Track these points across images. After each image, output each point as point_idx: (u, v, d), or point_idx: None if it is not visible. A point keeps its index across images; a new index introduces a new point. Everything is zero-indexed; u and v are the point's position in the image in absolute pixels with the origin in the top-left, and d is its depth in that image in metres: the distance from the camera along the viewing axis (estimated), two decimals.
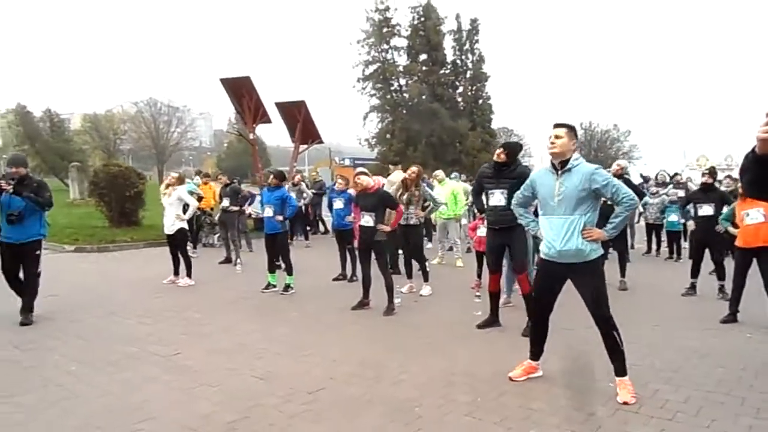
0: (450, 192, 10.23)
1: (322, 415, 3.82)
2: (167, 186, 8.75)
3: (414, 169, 8.08)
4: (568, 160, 4.06)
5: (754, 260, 6.17)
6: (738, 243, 6.31)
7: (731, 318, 6.24)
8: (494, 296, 6.08)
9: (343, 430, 3.58)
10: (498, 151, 5.83)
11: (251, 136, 18.35)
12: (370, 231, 6.80)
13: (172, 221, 8.53)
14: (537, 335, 4.48)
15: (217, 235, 13.26)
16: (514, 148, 5.89)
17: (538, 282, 4.40)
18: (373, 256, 6.87)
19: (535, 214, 4.49)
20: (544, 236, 4.20)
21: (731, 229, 6.89)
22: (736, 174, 20.53)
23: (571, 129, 4.17)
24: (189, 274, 8.66)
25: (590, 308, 4.15)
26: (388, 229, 6.90)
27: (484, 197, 6.07)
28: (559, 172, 4.07)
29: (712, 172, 8.38)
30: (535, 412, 3.83)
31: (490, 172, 5.86)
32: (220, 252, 11.69)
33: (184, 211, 8.72)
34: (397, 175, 9.27)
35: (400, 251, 8.53)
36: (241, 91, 17.71)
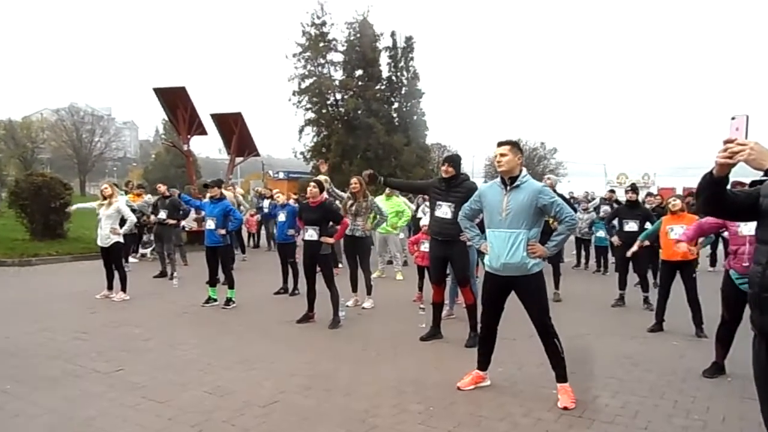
0: (394, 207, 10.36)
1: (278, 427, 3.81)
2: (105, 198, 8.40)
3: (354, 180, 7.94)
4: (517, 177, 4.26)
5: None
6: (662, 256, 6.74)
7: (658, 327, 6.65)
8: (437, 307, 6.21)
9: None
10: (443, 167, 5.98)
11: (185, 148, 17.91)
12: (314, 245, 6.80)
13: (108, 234, 8.22)
14: (484, 345, 4.63)
15: (150, 249, 12.87)
16: (456, 160, 6.01)
17: (485, 294, 4.55)
18: (318, 269, 6.89)
19: (481, 229, 4.65)
20: (489, 249, 4.36)
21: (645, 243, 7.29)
22: (654, 190, 21.82)
23: (515, 145, 4.38)
24: (124, 289, 8.35)
25: (533, 318, 4.35)
26: (331, 240, 6.92)
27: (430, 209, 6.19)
28: (508, 188, 4.26)
29: (634, 188, 8.88)
30: (485, 419, 3.97)
31: (439, 186, 6.00)
32: (153, 266, 11.36)
33: (121, 225, 8.41)
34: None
35: (339, 265, 8.53)
36: (175, 101, 17.28)
